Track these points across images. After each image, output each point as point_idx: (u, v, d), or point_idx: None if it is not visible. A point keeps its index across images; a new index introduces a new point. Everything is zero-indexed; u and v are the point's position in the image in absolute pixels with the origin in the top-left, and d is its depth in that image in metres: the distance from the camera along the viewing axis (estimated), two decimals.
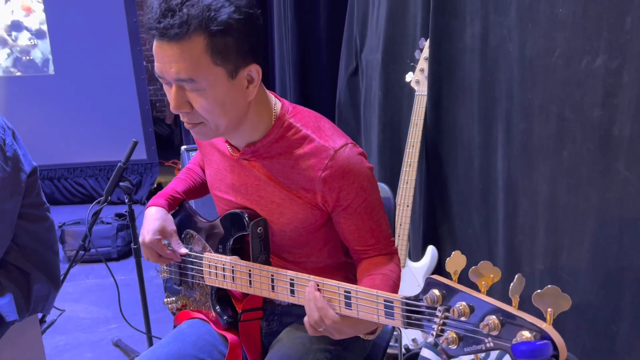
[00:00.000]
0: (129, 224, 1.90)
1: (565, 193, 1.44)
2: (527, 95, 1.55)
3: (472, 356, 0.80)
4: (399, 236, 1.99)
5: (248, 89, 1.02)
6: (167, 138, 5.98)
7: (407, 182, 2.00)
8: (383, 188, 1.53)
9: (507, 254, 1.68)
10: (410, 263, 2.02)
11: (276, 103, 1.10)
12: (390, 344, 1.92)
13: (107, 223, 3.31)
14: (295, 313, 1.24)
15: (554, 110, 1.45)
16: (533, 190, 1.57)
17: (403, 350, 1.92)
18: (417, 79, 2.05)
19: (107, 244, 3.26)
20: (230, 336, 1.20)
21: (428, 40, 2.00)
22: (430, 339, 1.84)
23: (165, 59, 0.94)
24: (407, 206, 1.99)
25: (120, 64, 4.30)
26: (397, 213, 1.99)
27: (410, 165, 2.01)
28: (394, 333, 1.91)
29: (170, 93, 0.98)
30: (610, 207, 1.28)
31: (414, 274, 1.99)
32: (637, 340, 1.25)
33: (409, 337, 1.96)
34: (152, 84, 6.44)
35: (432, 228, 2.12)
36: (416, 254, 2.18)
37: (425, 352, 1.83)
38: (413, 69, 2.07)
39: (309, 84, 3.09)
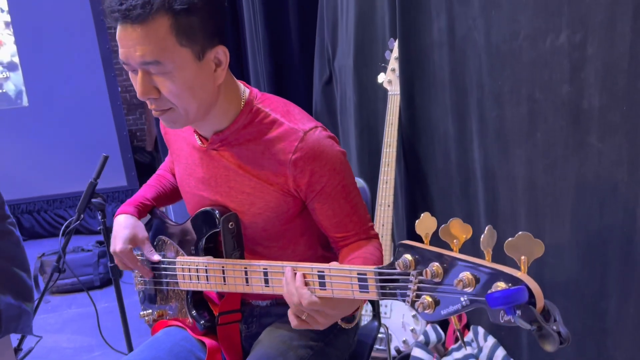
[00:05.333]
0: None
1: (542, 174, 1.43)
2: (496, 81, 1.55)
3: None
4: (382, 237, 1.96)
5: (216, 72, 1.00)
6: (149, 165, 5.93)
7: (386, 182, 1.98)
8: (362, 188, 1.51)
9: None
10: None
11: (245, 90, 1.09)
12: (382, 347, 1.88)
13: (88, 250, 3.23)
14: (274, 313, 1.20)
15: (524, 92, 1.45)
16: (511, 176, 1.56)
17: (393, 352, 1.88)
18: (389, 78, 2.05)
19: (89, 271, 3.18)
20: (208, 341, 1.15)
21: (397, 39, 2.00)
22: (421, 338, 1.80)
23: (130, 42, 0.91)
24: (388, 206, 1.97)
25: (95, 91, 4.26)
26: (378, 213, 1.97)
27: (388, 164, 1.99)
28: (383, 336, 1.87)
29: (136, 79, 0.95)
30: (587, 182, 1.27)
31: None
32: (627, 314, 1.23)
33: (400, 338, 1.91)
34: (131, 114, 6.41)
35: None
36: None
37: (416, 352, 1.78)
38: (385, 70, 2.07)
39: (285, 96, 3.07)
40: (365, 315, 1.97)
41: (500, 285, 0.65)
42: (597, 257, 1.28)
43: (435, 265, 0.72)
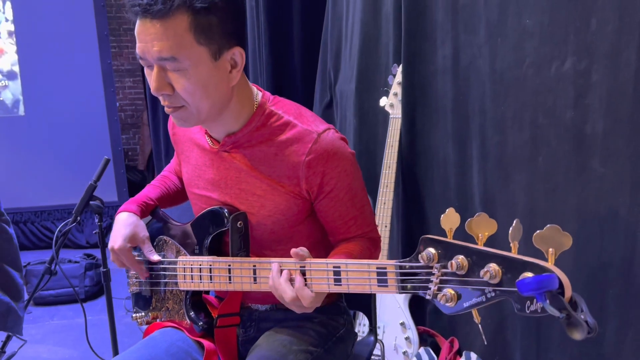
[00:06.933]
0: (99, 262, 1.81)
1: (543, 199, 1.44)
2: (500, 108, 1.58)
3: None
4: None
5: (231, 73, 1.01)
6: (140, 184, 5.91)
7: (384, 203, 1.99)
8: None
9: None
10: None
11: (257, 93, 1.10)
12: None
13: (75, 262, 3.18)
14: (273, 318, 1.18)
15: (527, 118, 1.48)
16: (510, 201, 1.57)
17: None
18: (392, 102, 2.09)
19: (74, 283, 3.11)
20: (206, 343, 1.14)
21: (401, 65, 2.04)
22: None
23: (148, 37, 0.92)
24: (385, 227, 1.97)
25: (93, 105, 4.27)
26: None
27: (387, 186, 2.01)
28: (377, 359, 1.85)
29: (151, 74, 0.96)
30: (588, 206, 1.29)
31: (395, 295, 1.95)
32: (625, 340, 1.23)
33: None
34: (124, 133, 6.41)
35: (411, 249, 2.09)
36: None
37: None
38: (387, 94, 2.11)
39: None
40: (361, 333, 1.95)
41: (528, 274, 0.66)
42: (597, 282, 1.29)
43: (460, 258, 0.73)
